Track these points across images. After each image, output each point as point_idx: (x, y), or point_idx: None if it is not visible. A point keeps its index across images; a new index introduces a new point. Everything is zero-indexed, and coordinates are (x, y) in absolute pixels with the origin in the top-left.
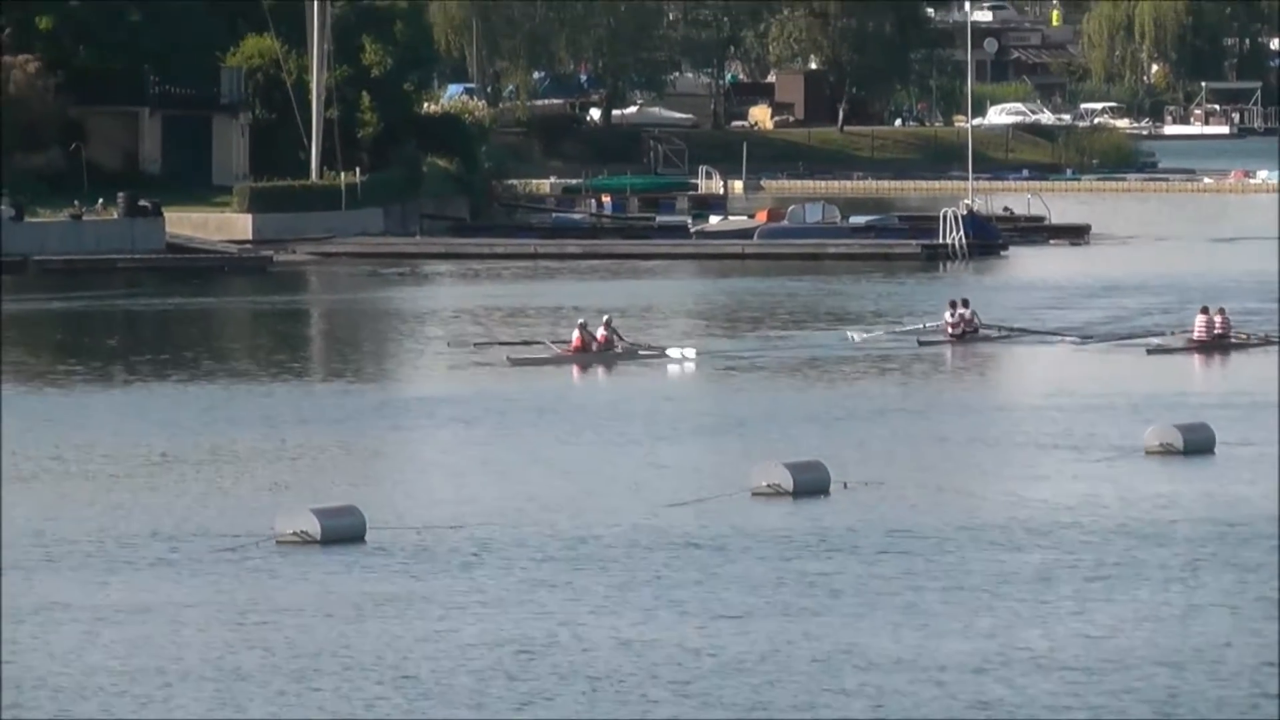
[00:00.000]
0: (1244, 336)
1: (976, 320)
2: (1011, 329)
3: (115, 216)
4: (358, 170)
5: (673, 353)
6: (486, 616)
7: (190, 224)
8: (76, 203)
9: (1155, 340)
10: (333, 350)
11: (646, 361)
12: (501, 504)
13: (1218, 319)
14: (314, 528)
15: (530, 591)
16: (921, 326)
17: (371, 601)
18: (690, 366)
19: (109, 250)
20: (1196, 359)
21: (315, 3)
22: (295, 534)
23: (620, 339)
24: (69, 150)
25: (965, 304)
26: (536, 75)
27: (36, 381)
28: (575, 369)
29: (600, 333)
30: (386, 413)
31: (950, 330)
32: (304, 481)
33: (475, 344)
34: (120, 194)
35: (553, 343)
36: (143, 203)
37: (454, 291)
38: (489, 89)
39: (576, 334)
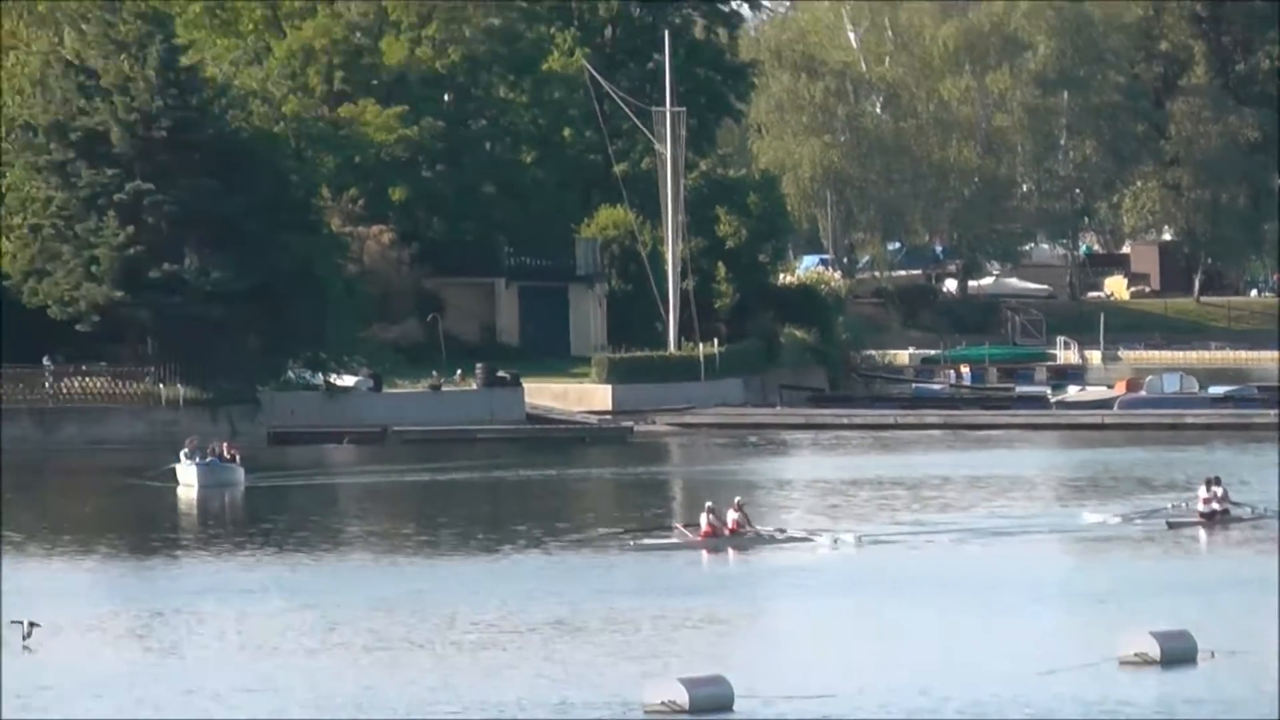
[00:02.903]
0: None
1: (1228, 501)
2: (1265, 511)
3: (474, 387)
4: (715, 341)
5: (822, 539)
6: None
7: (549, 394)
8: (435, 373)
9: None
10: (693, 521)
11: (788, 546)
12: (870, 672)
13: (1218, 491)
14: (682, 697)
15: None
16: (1168, 507)
17: None
18: (848, 550)
19: (468, 421)
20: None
21: (669, 174)
22: (663, 704)
23: (750, 524)
24: (426, 321)
25: (1218, 482)
26: (891, 246)
27: (404, 551)
28: (704, 553)
29: (732, 517)
30: (751, 581)
31: (1202, 510)
32: (672, 651)
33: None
34: (478, 365)
35: (685, 527)
36: (501, 373)
37: (813, 462)
38: (845, 260)
39: (706, 519)
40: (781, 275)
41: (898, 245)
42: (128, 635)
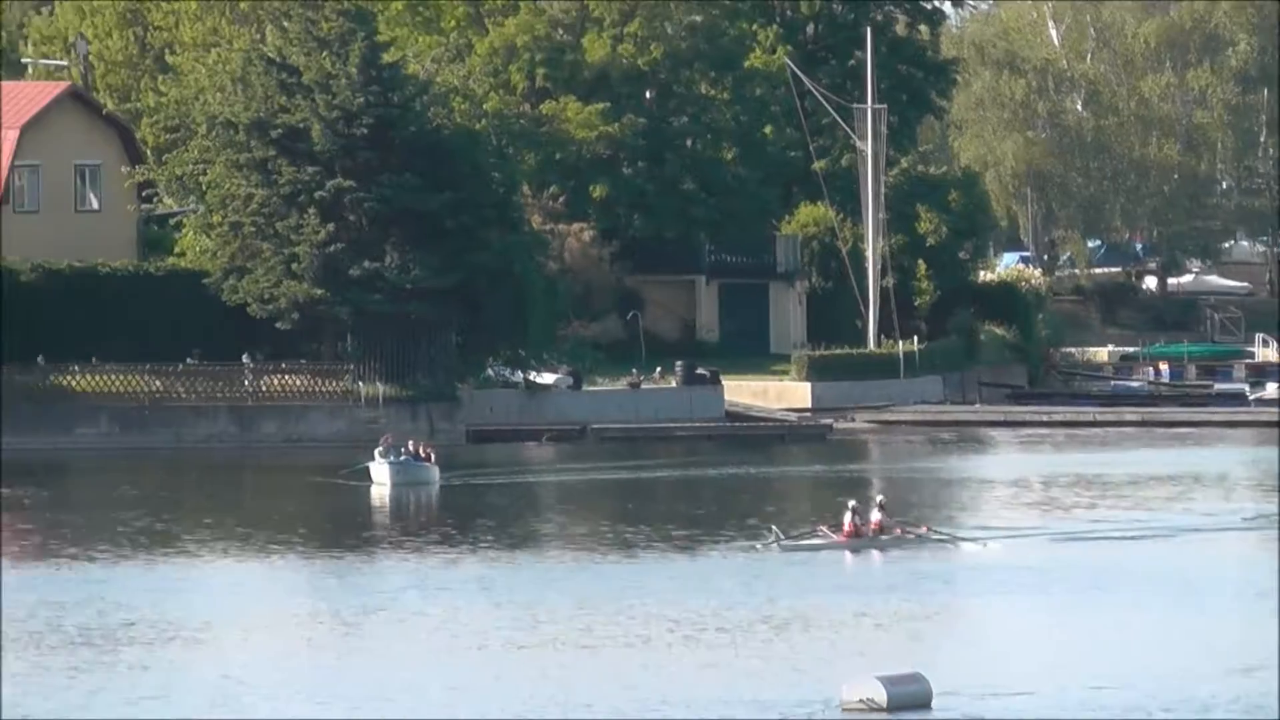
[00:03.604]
0: None
1: None
2: None
3: (673, 385)
4: (915, 338)
5: (967, 545)
6: None
7: (749, 392)
8: (634, 371)
9: None
10: (893, 518)
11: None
12: (1070, 669)
13: None
14: (880, 695)
15: None
16: None
17: None
18: (990, 550)
19: (666, 418)
20: None
21: (870, 171)
22: (861, 702)
23: (895, 522)
24: (626, 319)
25: None
26: (1092, 244)
27: (603, 549)
28: (847, 554)
29: (875, 517)
30: (946, 579)
31: None
32: (872, 648)
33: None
34: (678, 362)
35: (827, 529)
36: (700, 371)
37: (1009, 459)
38: (1045, 257)
39: (849, 519)
40: (982, 272)
41: (1098, 243)
42: (323, 633)
